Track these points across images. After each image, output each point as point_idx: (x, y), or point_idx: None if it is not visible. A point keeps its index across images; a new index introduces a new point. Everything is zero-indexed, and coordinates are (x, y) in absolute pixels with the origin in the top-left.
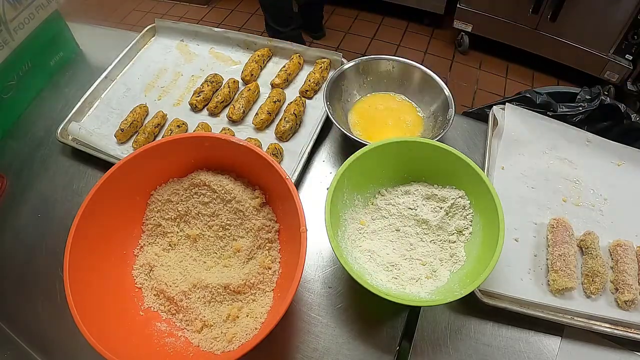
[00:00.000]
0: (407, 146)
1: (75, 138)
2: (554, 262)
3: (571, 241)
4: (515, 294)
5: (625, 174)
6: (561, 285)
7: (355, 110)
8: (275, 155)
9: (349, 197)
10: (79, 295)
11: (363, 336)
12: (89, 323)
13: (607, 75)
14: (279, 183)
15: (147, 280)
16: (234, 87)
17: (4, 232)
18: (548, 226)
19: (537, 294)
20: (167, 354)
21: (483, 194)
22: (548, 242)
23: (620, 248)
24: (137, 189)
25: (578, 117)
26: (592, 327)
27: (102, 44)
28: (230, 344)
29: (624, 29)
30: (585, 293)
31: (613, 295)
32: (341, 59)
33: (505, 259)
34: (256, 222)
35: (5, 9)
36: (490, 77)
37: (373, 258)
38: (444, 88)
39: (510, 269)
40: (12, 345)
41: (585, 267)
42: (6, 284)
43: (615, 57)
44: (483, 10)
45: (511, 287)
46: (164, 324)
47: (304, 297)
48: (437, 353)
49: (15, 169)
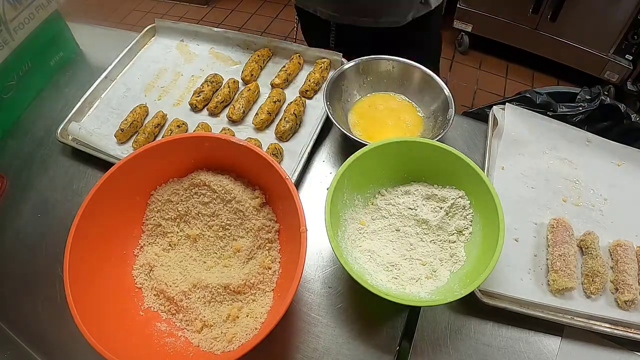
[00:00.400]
0: (407, 146)
1: (75, 138)
2: (554, 262)
3: (571, 241)
4: (515, 294)
5: (625, 174)
6: (561, 285)
7: (355, 110)
8: (275, 155)
9: (349, 197)
10: (79, 295)
11: (363, 336)
12: (89, 323)
13: (607, 75)
14: (279, 183)
15: (147, 280)
16: (234, 87)
17: (4, 232)
18: (548, 226)
19: (537, 294)
20: (167, 354)
21: (483, 194)
22: (548, 242)
23: (620, 248)
24: (137, 189)
25: (578, 117)
26: (592, 327)
27: (102, 44)
28: (230, 344)
29: (624, 29)
30: (585, 293)
31: (613, 295)
32: (341, 59)
33: (505, 259)
34: (256, 222)
35: (5, 9)
36: (490, 77)
37: (373, 258)
38: (444, 88)
39: (510, 269)
40: (12, 345)
41: (585, 267)
42: (6, 284)
43: (615, 57)
44: (483, 10)
45: (511, 287)
46: (164, 324)
47: (304, 297)
48: (437, 353)
49: (15, 169)
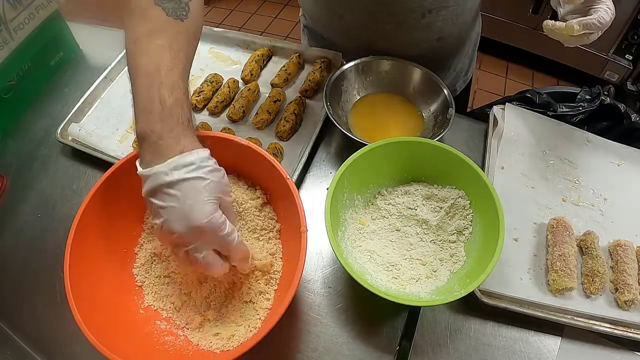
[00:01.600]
0: (407, 146)
1: (75, 139)
2: (554, 262)
3: (571, 241)
4: (515, 294)
5: (625, 174)
6: (561, 285)
7: (355, 110)
8: (276, 154)
9: (349, 197)
10: (79, 295)
11: (363, 336)
12: (89, 322)
13: (607, 75)
14: (280, 183)
15: (147, 279)
16: (234, 86)
17: (4, 232)
18: (548, 226)
19: (537, 293)
20: (166, 352)
21: (483, 194)
22: (548, 242)
23: (620, 248)
24: (139, 188)
25: (578, 117)
26: (592, 327)
27: (102, 44)
28: (229, 343)
29: (624, 29)
30: (585, 293)
31: (613, 295)
32: (341, 58)
33: (505, 259)
34: (258, 222)
35: (5, 9)
36: (490, 77)
37: (373, 258)
38: (444, 88)
39: (510, 269)
40: (12, 345)
41: (585, 267)
42: (6, 284)
43: (615, 57)
44: (483, 10)
45: (511, 287)
46: (164, 322)
47: (304, 297)
48: (437, 353)
49: (15, 169)
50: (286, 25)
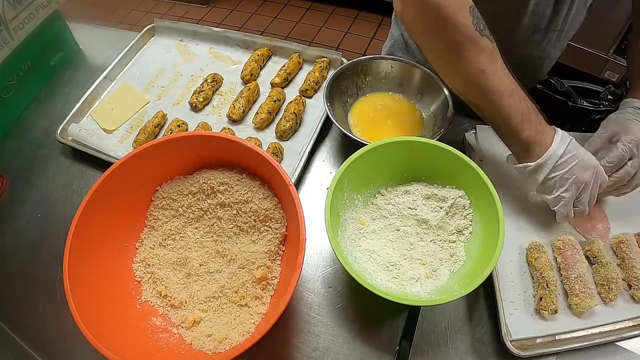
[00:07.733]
0: (407, 146)
1: (75, 139)
2: (573, 286)
3: (581, 258)
4: (546, 332)
5: None
6: (585, 308)
7: (355, 110)
8: (276, 154)
9: (349, 197)
10: (79, 295)
11: (363, 336)
12: (89, 322)
13: (607, 75)
14: (283, 189)
15: (146, 274)
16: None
17: (4, 232)
18: (554, 247)
19: (565, 322)
20: (159, 349)
21: (483, 193)
22: (559, 265)
23: (623, 244)
24: (142, 184)
25: (598, 115)
26: (622, 336)
27: (102, 44)
28: (221, 345)
29: (624, 29)
30: (604, 302)
31: (628, 292)
32: (341, 58)
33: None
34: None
35: (5, 9)
36: None
37: (373, 258)
38: (444, 88)
39: (517, 311)
40: (12, 345)
41: (598, 276)
42: (6, 284)
43: (615, 57)
44: None
45: (534, 326)
46: (159, 318)
47: (304, 297)
48: (437, 353)
49: (15, 169)
50: (286, 25)
